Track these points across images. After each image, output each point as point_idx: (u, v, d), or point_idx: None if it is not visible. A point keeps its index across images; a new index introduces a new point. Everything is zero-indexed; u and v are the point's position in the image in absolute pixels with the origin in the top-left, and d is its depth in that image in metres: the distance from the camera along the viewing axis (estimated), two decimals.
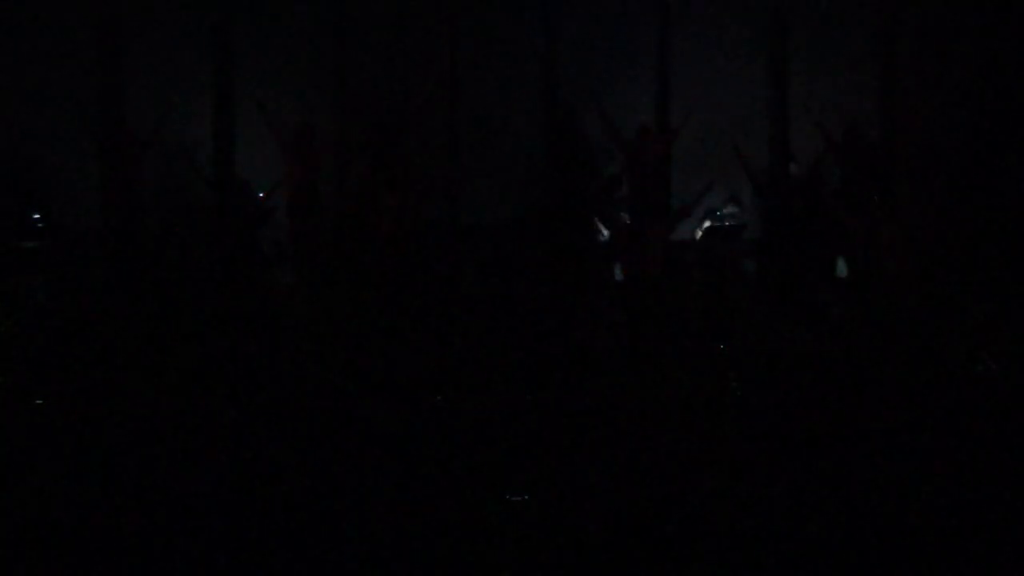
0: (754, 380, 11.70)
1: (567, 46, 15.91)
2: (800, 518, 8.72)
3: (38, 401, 11.09)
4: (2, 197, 15.34)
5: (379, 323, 13.92)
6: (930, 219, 15.26)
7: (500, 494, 9.11)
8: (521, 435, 10.26)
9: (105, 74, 15.40)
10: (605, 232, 15.35)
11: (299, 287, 15.16)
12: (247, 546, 8.34)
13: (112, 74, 15.41)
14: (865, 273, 14.37)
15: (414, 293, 14.40)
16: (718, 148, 15.49)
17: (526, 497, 9.01)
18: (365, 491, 9.29)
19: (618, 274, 15.06)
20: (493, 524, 8.71)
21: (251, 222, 14.88)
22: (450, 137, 15.86)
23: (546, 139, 15.78)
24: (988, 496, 9.08)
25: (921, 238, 14.99)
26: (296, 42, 15.74)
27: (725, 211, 15.79)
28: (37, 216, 15.32)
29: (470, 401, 11.10)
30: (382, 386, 11.93)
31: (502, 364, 12.02)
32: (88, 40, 15.31)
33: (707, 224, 15.75)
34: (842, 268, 15.09)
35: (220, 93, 15.81)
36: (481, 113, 16.19)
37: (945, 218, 15.29)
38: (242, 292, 14.13)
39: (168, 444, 10.12)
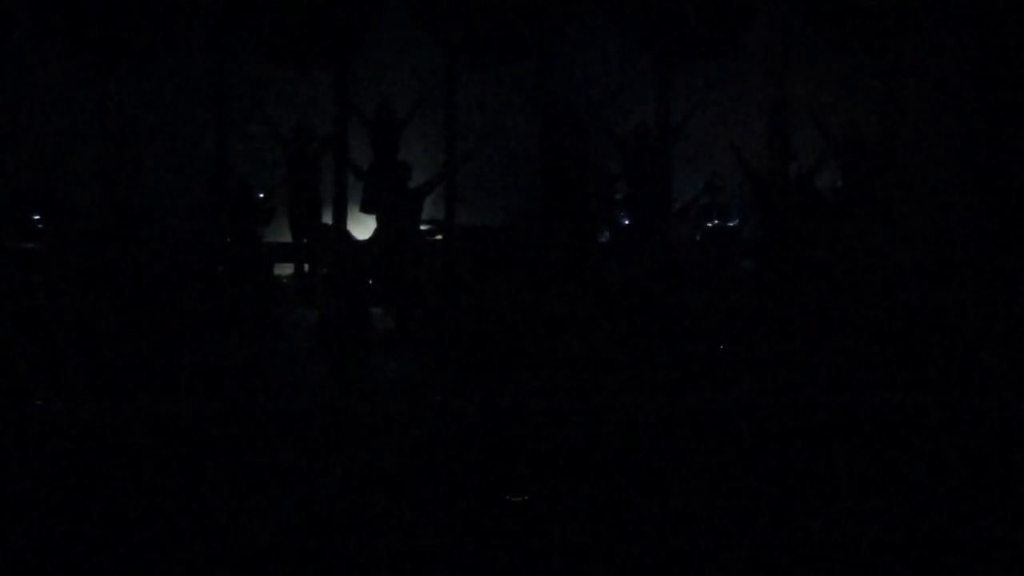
0: (753, 380, 11.71)
1: (566, 46, 15.90)
2: (799, 522, 8.71)
3: (38, 401, 11.09)
4: (2, 197, 15.34)
5: (377, 324, 13.94)
6: (929, 218, 15.27)
7: (500, 496, 9.11)
8: (519, 437, 10.26)
9: (105, 74, 15.39)
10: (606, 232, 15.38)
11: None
12: (245, 545, 8.34)
13: (112, 74, 15.40)
14: (864, 272, 14.38)
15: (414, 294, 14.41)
16: (718, 148, 15.51)
17: (525, 498, 9.01)
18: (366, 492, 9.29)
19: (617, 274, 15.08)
20: (496, 524, 8.71)
21: (251, 222, 14.88)
22: (448, 137, 15.86)
23: (545, 138, 15.76)
24: (987, 497, 9.07)
25: (920, 237, 15.00)
26: (296, 42, 15.72)
27: (703, 199, 15.68)
28: (37, 216, 15.32)
29: (468, 401, 11.10)
30: (379, 386, 11.93)
31: (500, 365, 12.02)
32: (88, 40, 15.30)
33: (679, 205, 15.57)
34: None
35: (220, 93, 15.82)
36: (480, 113, 16.20)
37: (944, 217, 15.31)
38: (243, 292, 14.14)
39: (168, 444, 10.12)
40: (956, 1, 15.73)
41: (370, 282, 14.65)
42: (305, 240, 15.46)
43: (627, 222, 15.27)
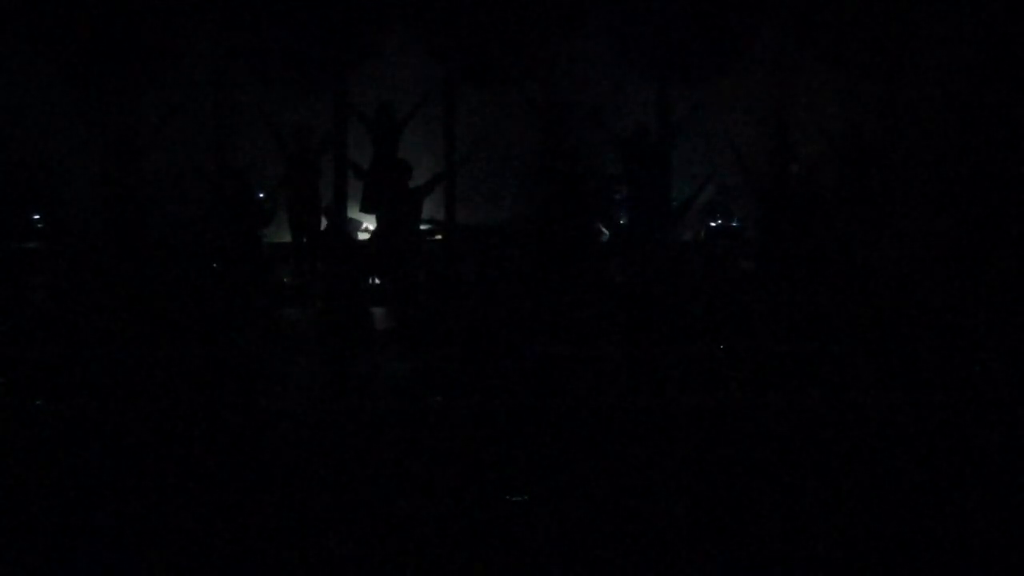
0: (753, 380, 11.71)
1: (566, 46, 15.90)
2: (798, 521, 8.72)
3: (38, 401, 11.10)
4: (2, 197, 15.34)
5: (378, 324, 13.94)
6: (929, 218, 15.27)
7: (499, 495, 9.12)
8: (519, 437, 10.27)
9: (106, 75, 15.38)
10: (606, 232, 15.37)
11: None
12: (246, 545, 8.34)
13: (114, 75, 15.40)
14: (863, 272, 14.38)
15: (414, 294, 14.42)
16: (718, 148, 15.51)
17: (525, 498, 9.02)
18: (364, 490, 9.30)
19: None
20: (496, 524, 8.73)
21: (252, 222, 14.87)
22: (448, 137, 15.85)
23: (545, 139, 15.75)
24: (985, 498, 9.08)
25: (920, 237, 14.99)
26: (295, 43, 15.71)
27: (702, 198, 15.67)
28: (37, 216, 15.33)
29: (468, 401, 11.10)
30: (379, 386, 11.94)
31: (499, 365, 12.02)
32: (88, 41, 15.29)
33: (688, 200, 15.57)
34: None
35: (220, 94, 15.82)
36: (479, 113, 16.20)
37: (944, 217, 15.31)
38: (243, 292, 14.14)
39: (168, 444, 10.12)
40: (956, 4, 15.72)
41: (370, 282, 14.65)
42: (305, 240, 15.46)
43: (627, 222, 15.26)
